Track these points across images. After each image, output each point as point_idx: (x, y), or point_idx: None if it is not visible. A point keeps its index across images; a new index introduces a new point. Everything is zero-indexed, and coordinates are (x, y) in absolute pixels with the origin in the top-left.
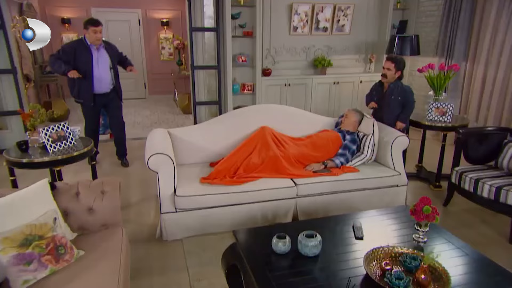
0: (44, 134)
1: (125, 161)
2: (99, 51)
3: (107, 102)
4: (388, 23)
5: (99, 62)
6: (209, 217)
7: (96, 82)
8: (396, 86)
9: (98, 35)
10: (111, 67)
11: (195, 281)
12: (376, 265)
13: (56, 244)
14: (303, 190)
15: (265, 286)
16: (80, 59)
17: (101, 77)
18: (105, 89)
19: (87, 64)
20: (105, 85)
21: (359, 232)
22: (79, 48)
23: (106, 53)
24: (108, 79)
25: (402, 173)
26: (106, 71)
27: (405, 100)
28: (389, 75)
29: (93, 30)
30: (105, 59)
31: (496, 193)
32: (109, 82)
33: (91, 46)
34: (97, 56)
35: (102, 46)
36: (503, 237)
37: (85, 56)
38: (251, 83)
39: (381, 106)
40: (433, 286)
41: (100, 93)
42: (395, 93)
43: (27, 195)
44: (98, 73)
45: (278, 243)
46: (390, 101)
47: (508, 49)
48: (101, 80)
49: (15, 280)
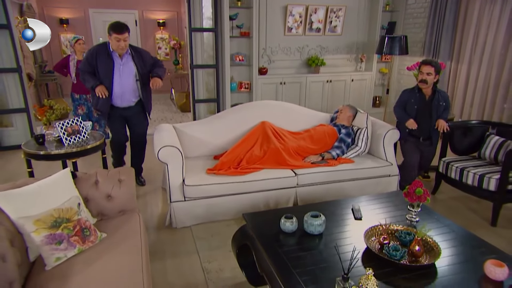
0: (60, 128)
1: (141, 179)
2: (123, 60)
3: (130, 116)
4: (378, 24)
5: (122, 72)
6: (215, 206)
7: (116, 94)
8: (439, 92)
9: (122, 44)
10: (137, 78)
11: (206, 263)
12: (375, 240)
13: (82, 227)
14: (303, 180)
15: (277, 259)
16: (100, 67)
17: (122, 90)
18: (127, 103)
19: (107, 73)
20: (127, 98)
21: (358, 213)
22: (101, 54)
23: (132, 62)
24: (132, 91)
25: (393, 164)
26: (130, 83)
27: (447, 103)
28: (429, 80)
29: (115, 38)
30: (130, 69)
31: (480, 180)
32: (132, 95)
33: (113, 53)
34: (120, 65)
35: (128, 53)
36: (486, 221)
37: (106, 64)
38: (248, 82)
39: (424, 116)
40: (425, 257)
41: (120, 106)
42: (441, 99)
43: (52, 183)
44: (120, 85)
45: (286, 223)
46: (439, 108)
47: (489, 49)
48: (123, 93)
49: (48, 257)
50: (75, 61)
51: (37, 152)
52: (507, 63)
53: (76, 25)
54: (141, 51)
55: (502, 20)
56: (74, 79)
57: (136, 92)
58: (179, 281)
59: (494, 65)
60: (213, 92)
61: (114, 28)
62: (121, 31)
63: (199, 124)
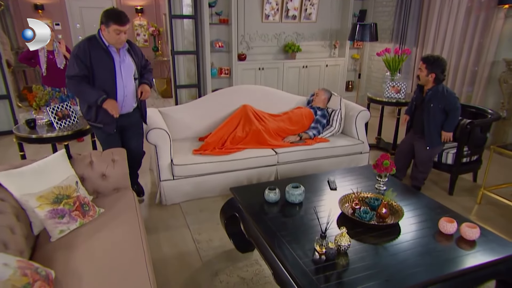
0: (50, 112)
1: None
2: (121, 55)
3: (127, 125)
4: (350, 12)
5: (123, 69)
6: (202, 183)
7: (120, 98)
8: (436, 92)
9: (122, 37)
10: (135, 77)
11: (196, 235)
12: (348, 206)
13: (81, 202)
14: (283, 158)
15: (263, 225)
16: (97, 67)
17: (125, 93)
18: (128, 108)
19: (109, 75)
20: (128, 103)
21: (333, 184)
22: (94, 49)
23: (130, 58)
24: (133, 94)
25: (365, 142)
26: (131, 84)
27: (447, 107)
28: (421, 77)
29: (116, 30)
30: (129, 66)
31: (439, 155)
32: (133, 98)
33: (110, 47)
34: (119, 61)
35: (125, 47)
36: (444, 190)
37: (105, 62)
38: (228, 67)
39: (420, 113)
40: (391, 218)
41: (122, 113)
42: (434, 100)
43: (50, 163)
44: (122, 87)
45: (270, 194)
46: (430, 109)
47: (450, 36)
48: (125, 96)
49: (52, 230)
50: (45, 51)
51: (29, 136)
52: (465, 48)
53: (52, 10)
54: (134, 45)
55: (461, 8)
56: (44, 71)
57: (135, 94)
58: (173, 251)
59: (454, 51)
60: (194, 78)
61: (115, 18)
62: (124, 21)
63: (183, 108)
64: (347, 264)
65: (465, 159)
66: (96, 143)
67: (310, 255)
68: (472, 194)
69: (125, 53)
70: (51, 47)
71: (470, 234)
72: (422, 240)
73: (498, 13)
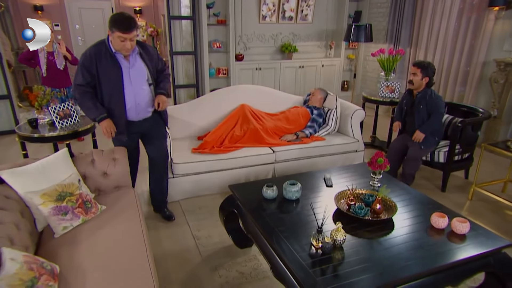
0: (52, 112)
1: (168, 212)
2: (130, 61)
3: (147, 128)
4: (345, 13)
5: (132, 76)
6: (201, 181)
7: (130, 107)
8: (425, 95)
9: (127, 45)
10: (150, 82)
11: (195, 231)
12: (343, 202)
13: (83, 200)
14: (280, 156)
15: (261, 221)
16: (103, 75)
17: (136, 99)
18: (144, 114)
19: (115, 83)
20: (143, 109)
21: (329, 181)
22: (101, 57)
23: (141, 62)
24: (148, 100)
25: (360, 141)
26: (144, 89)
27: (431, 109)
28: (415, 81)
29: (119, 37)
30: (141, 71)
31: (432, 154)
32: (149, 103)
33: (117, 54)
34: (128, 68)
35: (136, 52)
36: (437, 188)
37: (111, 70)
38: (226, 67)
39: (411, 117)
40: (385, 213)
41: (136, 120)
42: (423, 103)
43: (52, 162)
44: (133, 94)
45: (268, 191)
46: (421, 111)
47: (442, 36)
48: (137, 103)
49: (56, 226)
50: (45, 53)
51: (31, 135)
52: (457, 49)
53: (51, 11)
54: (148, 47)
55: (453, 9)
56: (44, 72)
57: (152, 99)
58: (173, 246)
59: (446, 51)
60: (192, 78)
61: (119, 25)
62: (128, 29)
63: (182, 108)
64: (343, 258)
65: (457, 156)
66: (96, 142)
67: (307, 249)
68: (464, 190)
69: (136, 57)
70: (51, 48)
71: (460, 228)
72: (415, 235)
73: (489, 14)
